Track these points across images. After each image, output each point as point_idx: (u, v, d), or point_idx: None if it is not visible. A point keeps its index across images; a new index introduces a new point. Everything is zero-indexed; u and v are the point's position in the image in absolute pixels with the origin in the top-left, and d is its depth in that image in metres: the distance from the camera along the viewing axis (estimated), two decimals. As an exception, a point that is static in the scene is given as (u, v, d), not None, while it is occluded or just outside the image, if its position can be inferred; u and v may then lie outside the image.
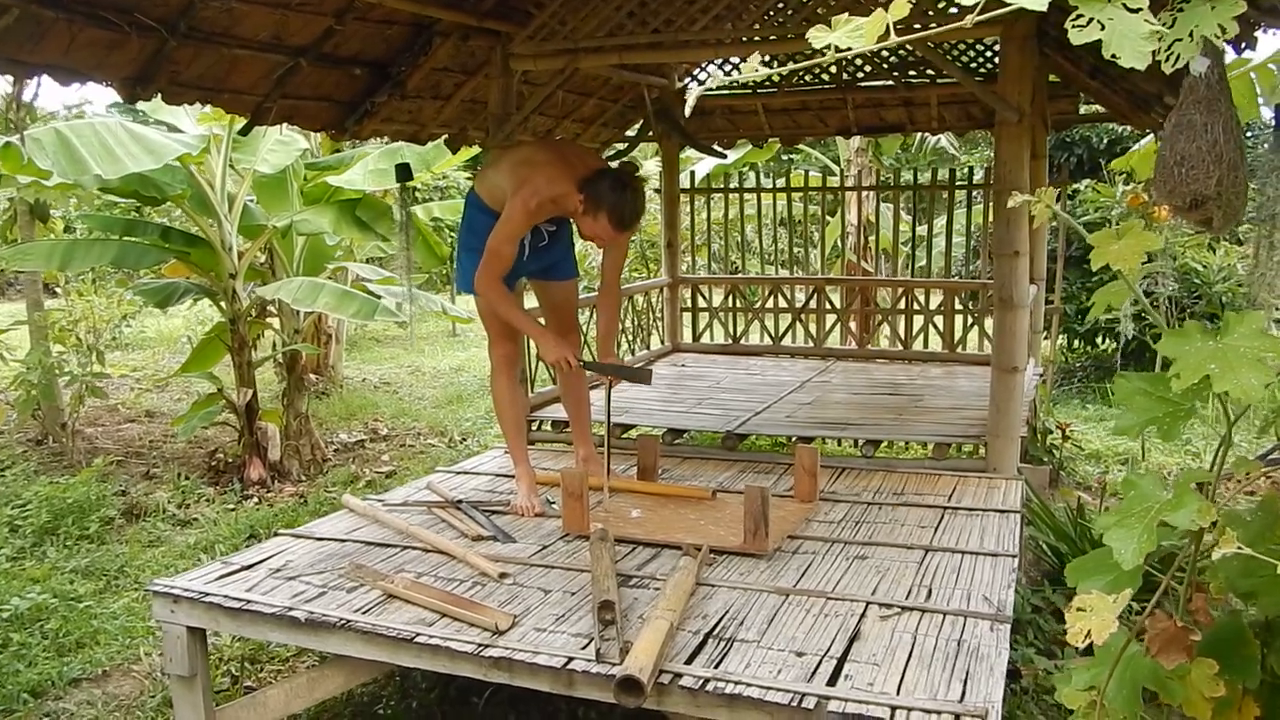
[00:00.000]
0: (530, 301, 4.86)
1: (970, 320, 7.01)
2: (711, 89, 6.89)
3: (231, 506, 6.27)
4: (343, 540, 3.76)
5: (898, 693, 2.54)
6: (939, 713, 2.43)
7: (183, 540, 5.61)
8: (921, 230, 8.90)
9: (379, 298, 6.74)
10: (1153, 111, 5.42)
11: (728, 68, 6.54)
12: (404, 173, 5.19)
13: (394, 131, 5.48)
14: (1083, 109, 7.06)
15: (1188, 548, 1.89)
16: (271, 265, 7.82)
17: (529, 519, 4.01)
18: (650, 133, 7.46)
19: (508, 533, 3.81)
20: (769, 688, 2.56)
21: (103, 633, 4.36)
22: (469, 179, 15.98)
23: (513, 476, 4.39)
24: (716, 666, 2.70)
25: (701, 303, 7.83)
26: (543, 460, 4.80)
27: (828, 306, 7.47)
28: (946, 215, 7.24)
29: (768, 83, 7.02)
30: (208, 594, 3.21)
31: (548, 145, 4.41)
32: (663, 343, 7.60)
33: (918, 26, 3.92)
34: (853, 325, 7.75)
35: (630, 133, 7.60)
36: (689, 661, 2.74)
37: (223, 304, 6.95)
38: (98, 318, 8.28)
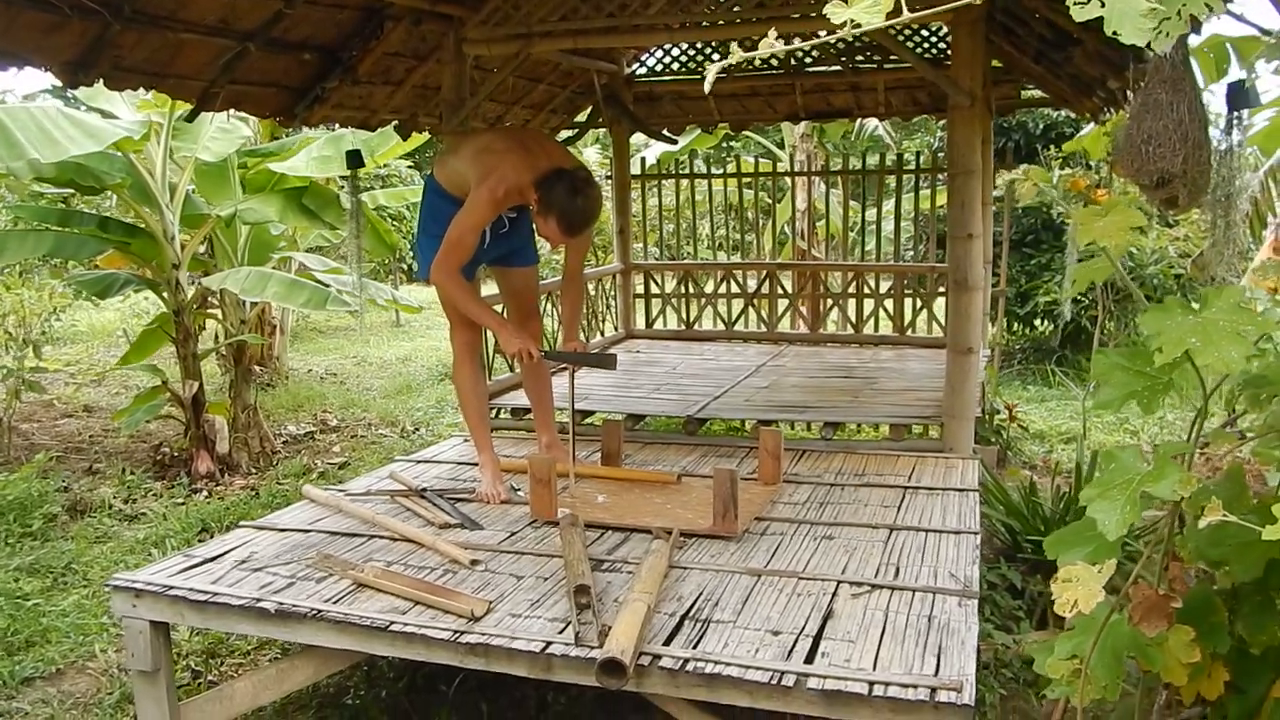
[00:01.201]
0: (490, 288, 4.83)
1: (919, 304, 7.10)
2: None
3: (180, 501, 6.14)
4: (307, 531, 3.70)
5: (874, 668, 2.58)
6: (915, 686, 2.47)
7: (131, 535, 5.49)
8: (868, 215, 9.01)
9: (328, 287, 6.64)
10: (1094, 96, 5.54)
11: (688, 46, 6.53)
12: (354, 159, 5.11)
13: (344, 118, 5.39)
14: (1024, 94, 7.20)
15: (1164, 519, 1.95)
16: (212, 255, 7.67)
17: (495, 506, 3.99)
18: (600, 119, 7.44)
19: (474, 520, 3.79)
20: (748, 666, 2.59)
21: (54, 630, 4.24)
22: (411, 167, 15.83)
23: (474, 464, 4.37)
24: (694, 647, 2.72)
25: (654, 289, 7.84)
26: (503, 447, 4.77)
27: (780, 291, 7.53)
28: (895, 200, 7.32)
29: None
30: (171, 587, 3.14)
31: (508, 133, 4.38)
32: (616, 329, 7.60)
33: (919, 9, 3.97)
34: (804, 310, 7.81)
35: (580, 118, 7.58)
36: (667, 643, 2.75)
37: (165, 295, 6.78)
38: (28, 311, 8.04)
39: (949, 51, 6.27)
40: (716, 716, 2.76)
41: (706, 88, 1.22)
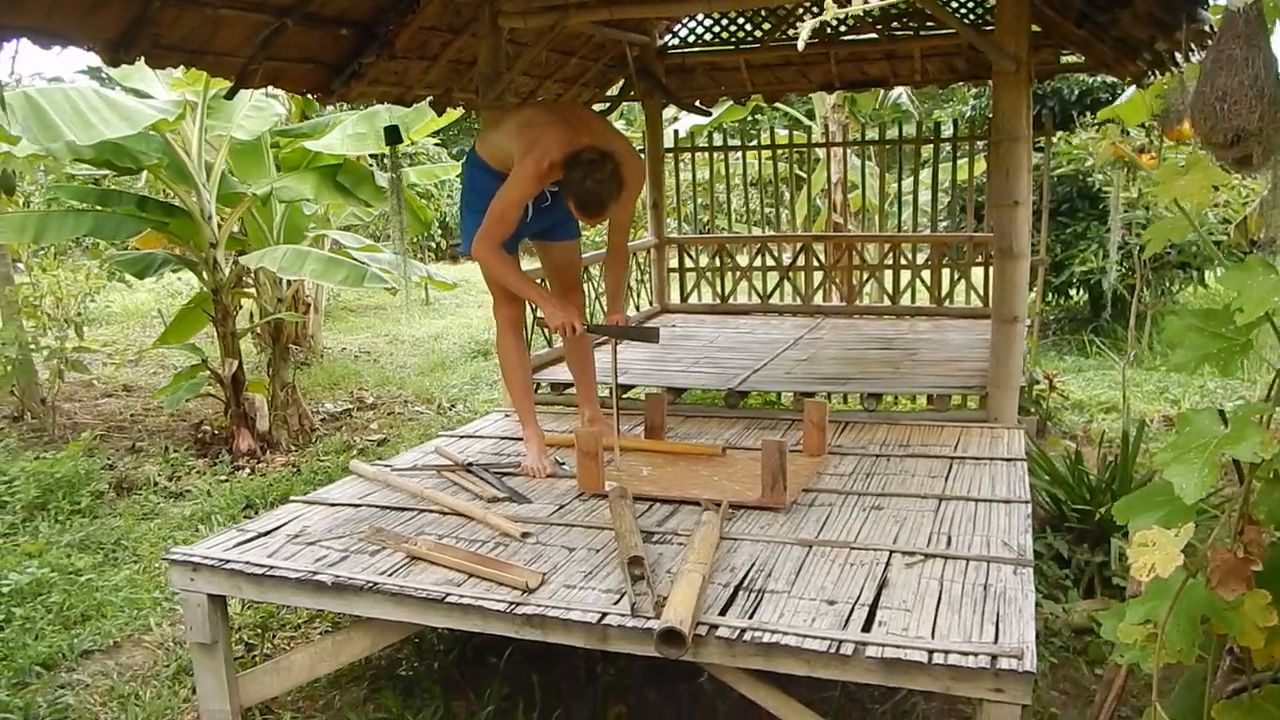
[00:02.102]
0: (529, 264, 4.83)
1: (956, 274, 7.04)
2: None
3: (223, 478, 6.21)
4: (357, 505, 3.73)
5: (932, 637, 2.57)
6: (975, 654, 2.46)
7: (178, 512, 5.55)
8: (897, 186, 8.92)
9: (365, 265, 6.65)
10: (1139, 59, 5.44)
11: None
12: (393, 135, 5.12)
13: (380, 94, 5.38)
14: (1062, 59, 7.07)
15: (1242, 482, 1.92)
16: (245, 234, 7.68)
17: (541, 480, 4.00)
18: (632, 91, 7.40)
19: (522, 494, 3.80)
20: (805, 635, 2.58)
21: (108, 605, 4.31)
22: (438, 145, 15.82)
23: (518, 439, 4.39)
24: (750, 617, 2.72)
25: (688, 263, 7.81)
26: (544, 422, 4.73)
27: (815, 264, 7.48)
28: (932, 170, 7.24)
29: (750, 38, 6.98)
30: (228, 561, 3.18)
31: (550, 107, 4.35)
32: (651, 304, 7.58)
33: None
34: (838, 282, 7.76)
35: (612, 92, 7.54)
36: (723, 613, 2.75)
37: (203, 274, 6.83)
38: (65, 292, 8.14)
39: (988, 16, 6.20)
40: (772, 685, 2.77)
41: (800, 46, 1.20)
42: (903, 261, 7.23)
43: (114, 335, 12.02)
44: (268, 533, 3.45)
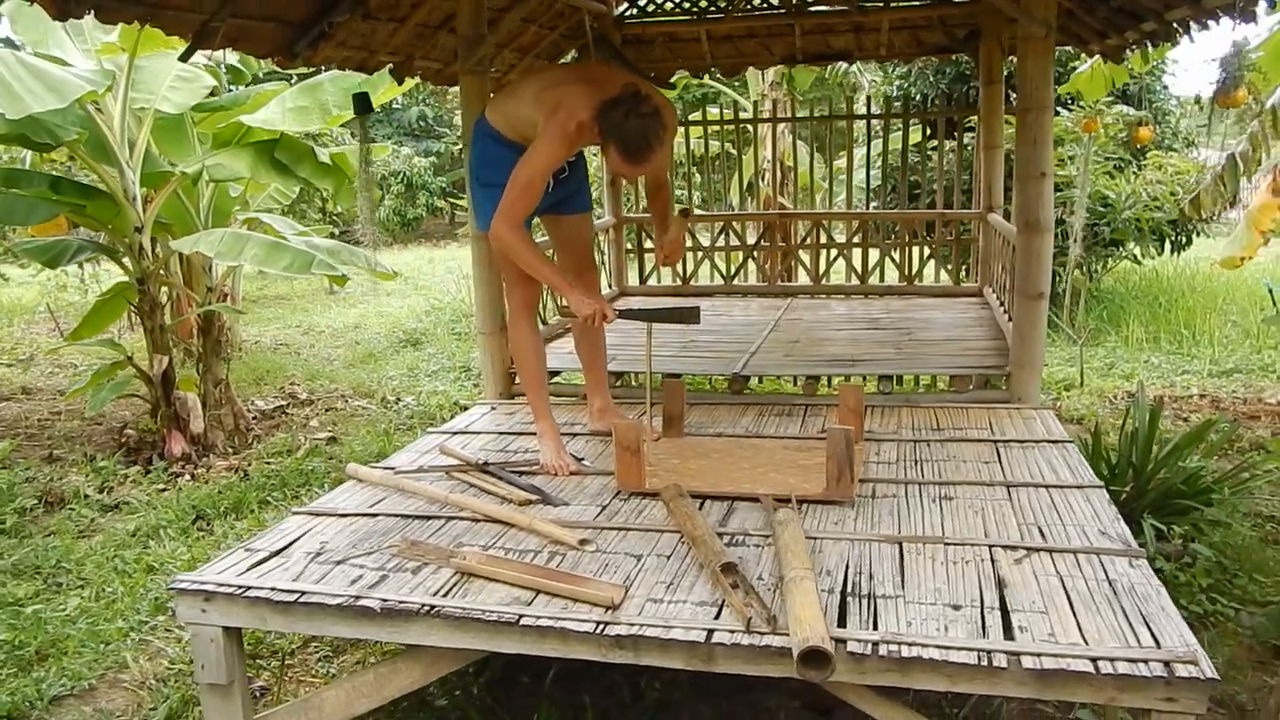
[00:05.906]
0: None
1: (928, 252, 6.90)
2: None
3: (162, 486, 5.63)
4: (372, 515, 3.29)
5: (1085, 642, 2.33)
6: (1146, 661, 2.23)
7: (121, 528, 4.97)
8: (846, 163, 8.77)
9: (310, 251, 6.11)
10: (1129, 30, 5.33)
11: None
12: (363, 103, 4.66)
13: (344, 58, 4.88)
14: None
15: None
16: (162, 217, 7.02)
17: (564, 478, 3.64)
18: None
19: (550, 495, 3.43)
20: (949, 647, 2.31)
21: (66, 640, 3.76)
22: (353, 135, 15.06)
23: (520, 433, 4.04)
24: (874, 628, 2.43)
25: (646, 243, 7.48)
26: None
27: (780, 243, 7.25)
28: (893, 146, 7.08)
29: (713, 8, 6.68)
30: (248, 587, 2.74)
31: (571, 67, 3.96)
32: (610, 286, 7.22)
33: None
34: (806, 261, 7.54)
35: (564, 62, 7.14)
36: (841, 624, 2.46)
37: (127, 261, 6.19)
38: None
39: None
40: (896, 701, 2.50)
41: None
42: (870, 241, 7.04)
43: (-3, 335, 11.05)
44: (278, 552, 3.01)
